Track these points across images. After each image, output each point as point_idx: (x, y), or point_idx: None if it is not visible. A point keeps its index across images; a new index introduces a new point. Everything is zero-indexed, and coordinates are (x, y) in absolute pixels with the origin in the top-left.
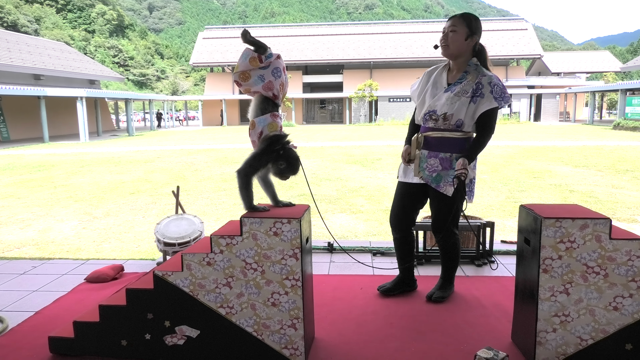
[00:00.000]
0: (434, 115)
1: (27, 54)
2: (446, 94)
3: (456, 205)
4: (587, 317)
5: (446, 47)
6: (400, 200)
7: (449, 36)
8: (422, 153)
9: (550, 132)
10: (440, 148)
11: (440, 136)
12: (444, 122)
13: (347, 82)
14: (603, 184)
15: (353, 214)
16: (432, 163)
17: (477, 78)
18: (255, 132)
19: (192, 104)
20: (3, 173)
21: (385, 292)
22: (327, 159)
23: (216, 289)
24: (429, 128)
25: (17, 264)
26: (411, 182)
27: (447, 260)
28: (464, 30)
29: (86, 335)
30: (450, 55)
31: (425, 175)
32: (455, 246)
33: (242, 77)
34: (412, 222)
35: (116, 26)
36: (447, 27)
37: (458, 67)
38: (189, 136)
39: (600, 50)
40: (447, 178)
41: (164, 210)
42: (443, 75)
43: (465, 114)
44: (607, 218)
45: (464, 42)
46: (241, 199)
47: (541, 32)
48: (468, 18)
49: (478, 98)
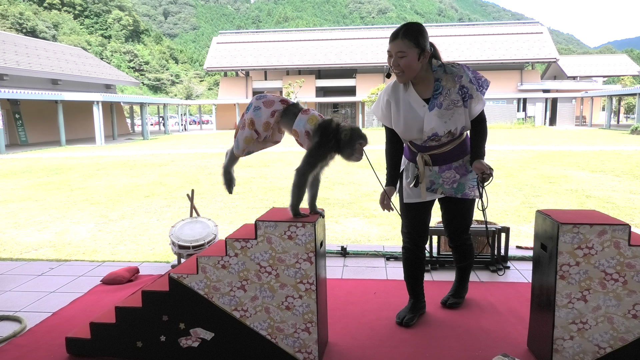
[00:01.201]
0: (436, 137)
1: (45, 59)
2: (433, 111)
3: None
4: (606, 324)
5: (401, 74)
6: (416, 217)
7: (400, 62)
8: (431, 170)
9: (566, 137)
10: (451, 159)
11: (446, 150)
12: (447, 138)
13: (360, 86)
14: (621, 190)
15: (366, 218)
16: (448, 176)
17: (456, 82)
18: (303, 136)
19: (205, 108)
20: (21, 176)
21: (409, 324)
22: (340, 162)
23: (231, 292)
24: (432, 147)
25: (35, 265)
26: (420, 202)
27: (467, 266)
28: (413, 51)
29: (102, 336)
30: (408, 78)
31: (446, 190)
32: (473, 249)
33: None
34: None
35: (132, 31)
36: (394, 52)
37: (421, 79)
38: (202, 140)
39: (617, 53)
40: (468, 183)
41: (178, 213)
42: (410, 92)
43: (465, 120)
44: (626, 224)
45: (417, 62)
46: (291, 196)
47: (557, 36)
48: (413, 36)
49: (468, 101)
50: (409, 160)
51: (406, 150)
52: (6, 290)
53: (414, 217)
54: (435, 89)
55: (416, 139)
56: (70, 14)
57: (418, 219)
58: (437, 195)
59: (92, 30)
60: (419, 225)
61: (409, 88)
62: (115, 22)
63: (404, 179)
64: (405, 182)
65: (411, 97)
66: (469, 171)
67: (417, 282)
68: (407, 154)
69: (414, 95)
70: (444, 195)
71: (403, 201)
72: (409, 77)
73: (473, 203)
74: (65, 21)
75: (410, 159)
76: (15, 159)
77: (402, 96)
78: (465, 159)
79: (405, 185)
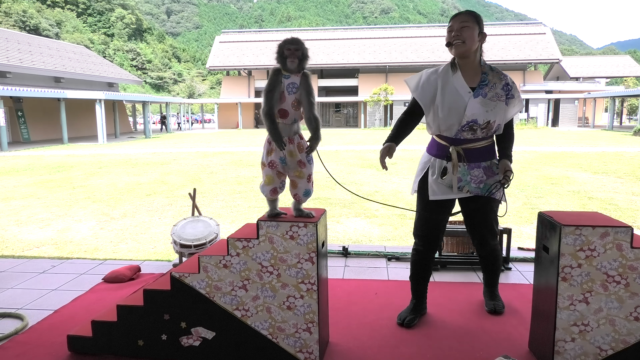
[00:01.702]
0: (475, 125)
1: (48, 57)
2: (477, 99)
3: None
4: (607, 327)
5: (462, 43)
6: (435, 217)
7: (462, 32)
8: (461, 166)
9: (569, 138)
10: (481, 158)
11: (479, 146)
12: (482, 131)
13: (362, 86)
14: (623, 191)
15: (368, 219)
16: (476, 174)
17: (502, 79)
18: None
19: (208, 107)
20: (23, 173)
21: (410, 325)
22: (342, 162)
23: (232, 292)
24: (466, 140)
25: (37, 263)
26: (446, 199)
27: (498, 267)
28: (475, 26)
29: (104, 334)
30: (466, 51)
31: (472, 188)
32: (501, 257)
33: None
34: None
35: (135, 30)
36: (457, 24)
37: (471, 67)
38: (204, 139)
39: (620, 54)
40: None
41: (179, 211)
42: (458, 77)
43: (502, 119)
44: (629, 226)
45: (476, 38)
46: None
47: (560, 36)
48: (474, 15)
49: (509, 99)
50: (435, 156)
51: (432, 146)
52: (8, 288)
53: (433, 218)
54: (482, 80)
55: (452, 126)
56: (74, 12)
57: (436, 221)
58: (462, 194)
59: (95, 28)
60: (435, 228)
61: (457, 74)
62: (118, 20)
63: (430, 176)
64: (431, 178)
65: (458, 83)
66: (495, 174)
67: (422, 284)
68: (433, 150)
69: (461, 81)
70: (469, 195)
71: (428, 199)
72: (468, 47)
73: (496, 205)
74: (69, 19)
75: (436, 155)
76: (17, 156)
77: (450, 79)
78: (492, 162)
79: (431, 181)
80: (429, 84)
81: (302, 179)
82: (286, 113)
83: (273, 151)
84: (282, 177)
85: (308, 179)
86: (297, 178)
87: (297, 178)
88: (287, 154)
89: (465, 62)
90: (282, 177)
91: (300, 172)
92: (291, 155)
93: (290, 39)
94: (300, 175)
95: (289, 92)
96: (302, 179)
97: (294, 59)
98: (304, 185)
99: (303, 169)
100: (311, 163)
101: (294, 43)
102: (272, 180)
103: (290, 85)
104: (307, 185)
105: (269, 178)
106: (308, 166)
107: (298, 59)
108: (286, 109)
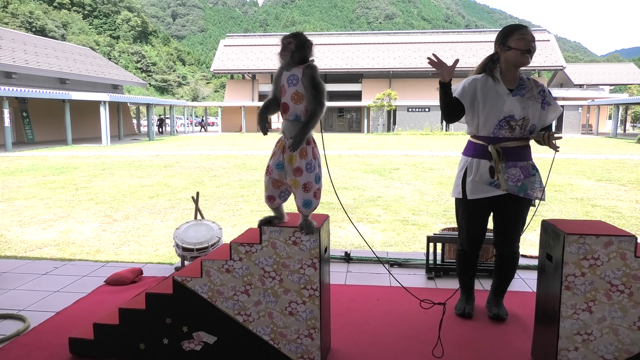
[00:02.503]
0: (512, 120)
1: (53, 58)
2: (515, 97)
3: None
4: (611, 336)
5: (529, 57)
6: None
7: (532, 48)
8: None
9: (572, 145)
10: (518, 157)
11: (517, 145)
12: (520, 130)
13: (365, 91)
14: (626, 199)
15: (370, 224)
16: (514, 173)
17: (538, 85)
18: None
19: (211, 110)
20: (27, 174)
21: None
22: (344, 167)
23: (234, 296)
24: (505, 138)
25: (39, 264)
26: (485, 197)
27: (511, 273)
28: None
29: (106, 337)
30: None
31: (509, 186)
32: (517, 264)
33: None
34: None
35: (140, 32)
36: (531, 36)
37: (512, 75)
38: (208, 142)
39: (624, 62)
40: (532, 185)
41: (182, 214)
42: (499, 84)
43: (538, 120)
44: (633, 235)
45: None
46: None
47: (564, 44)
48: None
49: (546, 105)
50: (472, 157)
51: (468, 148)
52: (10, 289)
53: (474, 218)
54: (520, 84)
55: (491, 123)
56: (80, 14)
57: (478, 220)
58: (499, 191)
59: (101, 30)
60: (478, 227)
61: (498, 82)
62: (124, 22)
63: (467, 176)
64: (469, 178)
65: (499, 88)
66: (531, 174)
67: (470, 279)
68: (469, 152)
69: (502, 86)
70: (506, 192)
71: (466, 198)
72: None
73: (528, 208)
74: (75, 21)
75: (472, 156)
76: (21, 157)
77: (491, 87)
78: (529, 163)
79: (468, 181)
80: (470, 87)
81: (297, 188)
82: (286, 107)
83: (274, 155)
84: (279, 186)
85: (305, 188)
86: (292, 187)
87: (292, 187)
88: (285, 159)
89: (513, 71)
90: (279, 186)
91: (295, 181)
92: (290, 162)
93: (287, 34)
94: (294, 184)
95: (289, 84)
96: (298, 188)
97: (286, 53)
98: (302, 195)
99: (298, 177)
100: (311, 171)
101: (287, 37)
102: (266, 187)
103: (291, 77)
104: (305, 196)
105: (264, 184)
106: (305, 174)
107: (290, 52)
108: (286, 102)
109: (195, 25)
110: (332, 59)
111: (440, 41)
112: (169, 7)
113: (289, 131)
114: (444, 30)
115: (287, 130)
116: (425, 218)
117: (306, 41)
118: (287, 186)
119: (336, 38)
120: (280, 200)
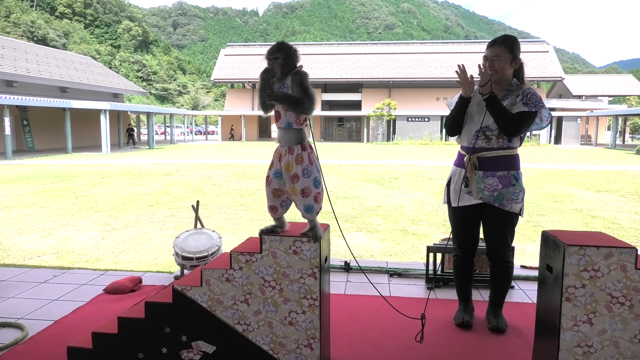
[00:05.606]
0: (488, 130)
1: (54, 67)
2: None
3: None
4: (611, 348)
5: (494, 73)
6: (463, 224)
7: (495, 63)
8: (476, 174)
9: (571, 156)
10: (497, 167)
11: (495, 155)
12: (497, 139)
13: (365, 100)
14: (626, 210)
15: (369, 233)
16: (491, 182)
17: (523, 91)
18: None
19: (212, 119)
20: (27, 182)
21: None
22: (344, 176)
23: (234, 306)
24: (481, 148)
25: (38, 273)
26: (468, 205)
27: (506, 284)
28: (507, 56)
29: (104, 346)
30: (497, 80)
31: (485, 196)
32: (511, 274)
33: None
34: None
35: (141, 42)
36: (490, 55)
37: (500, 88)
38: (207, 150)
39: (623, 73)
40: (509, 195)
41: (181, 223)
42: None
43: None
44: (633, 247)
45: (509, 67)
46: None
47: (562, 55)
48: (509, 43)
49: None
50: (457, 165)
51: (457, 157)
52: (9, 297)
53: (462, 224)
54: (505, 95)
55: (470, 132)
56: (81, 24)
57: (465, 227)
58: (475, 200)
59: (102, 39)
60: (466, 234)
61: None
62: (125, 32)
63: (451, 185)
64: (452, 187)
65: (480, 99)
66: (511, 184)
67: (467, 286)
68: (456, 161)
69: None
70: (482, 201)
71: (450, 206)
72: (499, 77)
73: (513, 218)
74: (76, 30)
75: (457, 165)
76: (21, 164)
77: (477, 99)
78: (510, 173)
79: (452, 189)
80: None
81: (295, 195)
82: (279, 115)
83: (273, 165)
84: (280, 195)
85: (303, 193)
86: (291, 194)
87: (291, 194)
88: (282, 166)
89: (497, 85)
90: (280, 195)
91: (293, 188)
92: (287, 169)
93: (270, 48)
94: (293, 191)
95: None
96: (297, 195)
97: (275, 69)
98: (301, 201)
99: (295, 183)
100: (308, 176)
101: (272, 52)
102: (267, 197)
103: (280, 86)
104: (304, 201)
105: (266, 195)
106: (302, 180)
107: (280, 66)
108: (278, 110)
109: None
110: (332, 68)
111: (439, 51)
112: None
113: (284, 139)
114: (443, 41)
115: (282, 138)
116: (425, 228)
117: (291, 50)
118: (287, 195)
119: (336, 48)
120: (282, 210)
